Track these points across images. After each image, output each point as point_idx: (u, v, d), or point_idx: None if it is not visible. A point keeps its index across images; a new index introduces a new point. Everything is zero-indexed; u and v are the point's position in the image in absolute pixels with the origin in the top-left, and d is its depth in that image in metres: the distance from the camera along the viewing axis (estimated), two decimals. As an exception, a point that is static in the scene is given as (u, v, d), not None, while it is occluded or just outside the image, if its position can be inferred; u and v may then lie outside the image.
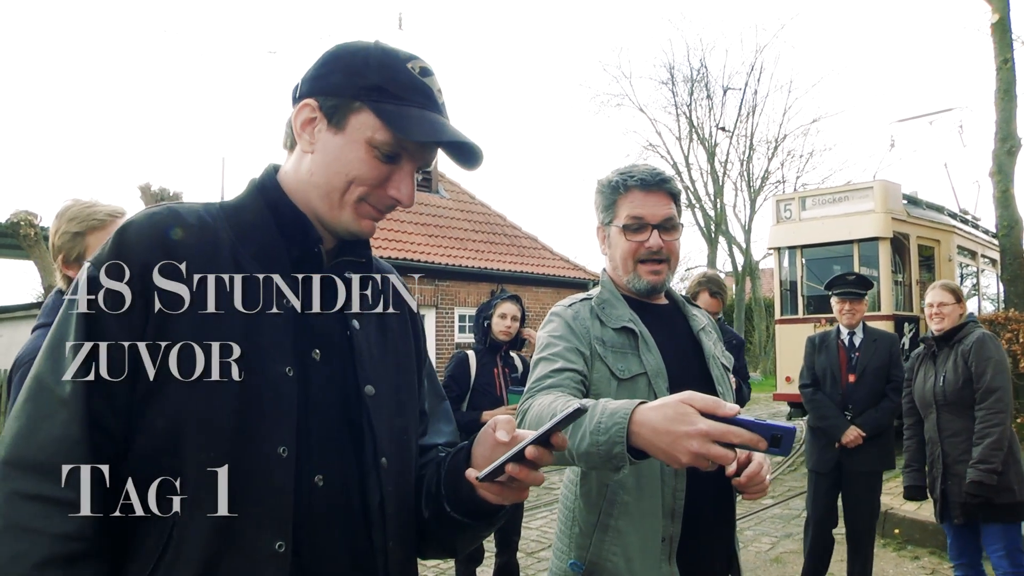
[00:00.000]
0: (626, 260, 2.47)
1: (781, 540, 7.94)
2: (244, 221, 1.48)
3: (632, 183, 2.45)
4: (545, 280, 20.87)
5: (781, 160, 36.55)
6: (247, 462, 1.33)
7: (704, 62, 42.46)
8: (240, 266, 1.41)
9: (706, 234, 35.64)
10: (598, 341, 2.37)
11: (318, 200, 1.50)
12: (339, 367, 1.51)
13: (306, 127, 1.49)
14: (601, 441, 1.83)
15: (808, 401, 6.05)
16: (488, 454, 1.48)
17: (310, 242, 1.51)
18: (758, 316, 31.62)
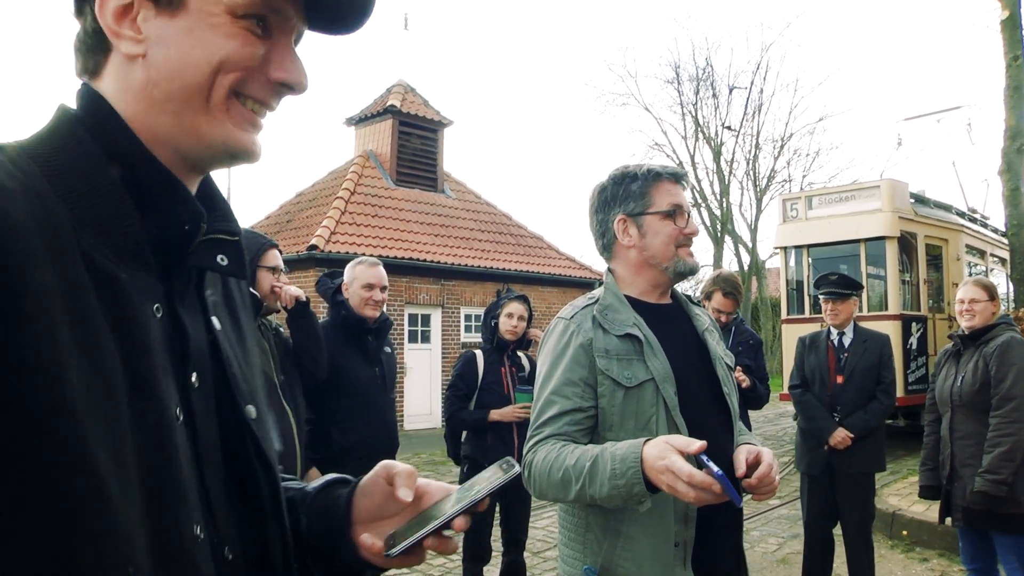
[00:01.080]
0: (668, 245, 2.49)
1: (788, 541, 7.89)
2: (77, 182, 0.92)
3: (666, 175, 2.55)
4: (551, 279, 20.85)
5: (787, 159, 36.69)
6: (159, 561, 0.88)
7: (710, 61, 42.60)
8: (90, 258, 0.88)
9: (712, 233, 35.58)
10: (601, 353, 2.38)
11: (170, 118, 1.00)
12: (213, 387, 1.07)
13: (121, 21, 0.98)
14: (620, 484, 2.08)
15: (796, 402, 6.00)
16: (376, 510, 1.21)
17: (182, 214, 1.01)
18: (764, 316, 31.56)
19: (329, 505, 1.25)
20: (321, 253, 16.32)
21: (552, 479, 2.24)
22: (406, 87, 21.36)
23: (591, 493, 2.15)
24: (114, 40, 0.99)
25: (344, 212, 17.97)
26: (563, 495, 2.26)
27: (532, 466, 2.31)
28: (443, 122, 21.17)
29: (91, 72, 1.03)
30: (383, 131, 20.39)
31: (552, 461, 2.25)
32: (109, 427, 0.84)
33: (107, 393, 0.85)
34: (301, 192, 21.32)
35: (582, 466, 2.17)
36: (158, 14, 0.98)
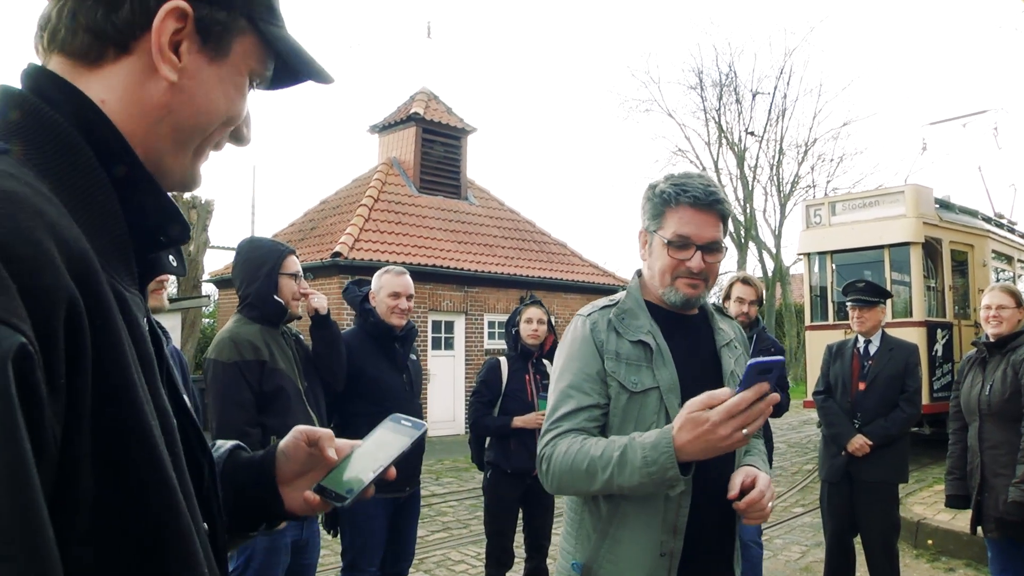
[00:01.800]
0: (664, 274, 2.43)
1: (811, 549, 7.84)
2: (84, 199, 0.90)
3: (684, 199, 2.38)
4: (574, 286, 20.84)
5: (811, 164, 36.42)
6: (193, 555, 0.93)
7: (733, 66, 42.23)
8: (110, 283, 0.88)
9: (736, 240, 35.45)
10: (612, 355, 2.38)
11: (168, 144, 1.03)
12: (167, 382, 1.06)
13: (170, 43, 0.98)
14: (654, 471, 2.09)
15: (819, 408, 5.98)
16: (300, 468, 1.37)
17: (162, 229, 1.03)
18: (789, 322, 31.39)
19: (242, 466, 1.38)
20: (345, 260, 16.40)
21: (576, 470, 2.22)
22: (429, 95, 21.44)
23: (620, 482, 2.15)
24: (157, 58, 0.97)
25: (368, 219, 18.04)
26: (587, 486, 2.24)
27: (552, 459, 2.30)
28: (466, 129, 21.22)
29: (91, 60, 0.98)
30: (407, 138, 20.47)
31: (576, 453, 2.24)
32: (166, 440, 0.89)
33: (154, 409, 0.90)
34: (325, 199, 21.43)
35: (610, 455, 2.17)
36: (200, 52, 1.01)
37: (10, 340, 0.69)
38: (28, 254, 0.74)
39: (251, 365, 3.94)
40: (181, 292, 17.55)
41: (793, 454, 14.29)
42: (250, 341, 3.99)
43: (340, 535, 4.68)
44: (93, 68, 0.98)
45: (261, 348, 4.00)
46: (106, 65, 0.98)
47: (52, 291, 0.75)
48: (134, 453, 0.84)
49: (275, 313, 4.15)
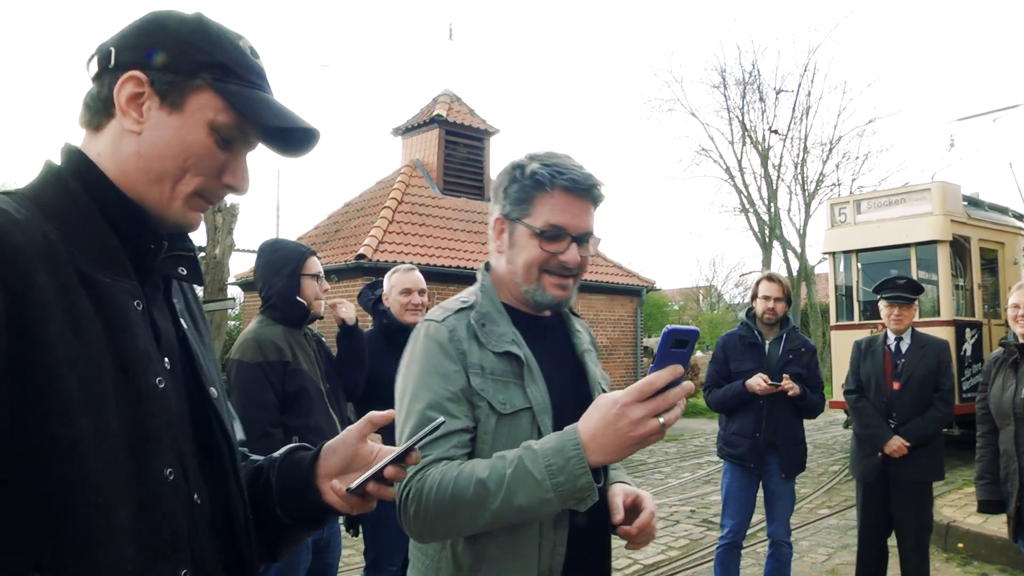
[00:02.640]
0: (531, 268, 2.11)
1: (837, 551, 7.79)
2: (66, 217, 1.24)
3: (561, 182, 2.08)
4: (598, 287, 20.80)
5: (836, 162, 35.97)
6: (136, 495, 1.18)
7: (756, 64, 42.08)
8: (82, 271, 1.19)
9: (760, 239, 35.23)
10: (476, 370, 2.03)
11: (145, 187, 1.32)
12: (182, 372, 1.39)
13: (131, 103, 1.30)
14: (561, 481, 1.77)
15: (851, 408, 5.86)
16: (344, 464, 1.51)
17: (147, 238, 1.33)
18: (814, 322, 31.13)
19: (295, 464, 1.55)
20: (369, 262, 16.45)
21: (458, 501, 1.84)
22: (452, 96, 21.47)
23: (520, 504, 1.80)
24: (120, 115, 1.31)
25: (391, 221, 18.09)
26: (472, 520, 1.86)
27: (424, 495, 1.87)
28: (489, 131, 21.24)
29: (93, 127, 1.35)
30: (430, 140, 20.52)
31: (453, 481, 1.85)
32: (93, 390, 1.14)
33: (91, 362, 1.15)
34: (349, 202, 21.50)
35: (501, 475, 1.82)
36: (160, 107, 1.31)
37: None
38: None
39: (274, 366, 3.97)
40: (207, 295, 17.62)
41: (819, 455, 14.18)
42: (273, 342, 4.02)
43: (363, 535, 4.73)
44: (96, 132, 1.35)
45: (284, 349, 4.03)
46: (102, 128, 1.34)
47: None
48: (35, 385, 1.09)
49: (298, 314, 4.18)
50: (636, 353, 21.90)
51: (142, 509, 1.19)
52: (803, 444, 5.69)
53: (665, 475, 12.50)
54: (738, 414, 5.62)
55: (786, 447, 5.51)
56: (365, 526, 4.67)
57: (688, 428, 19.22)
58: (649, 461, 14.04)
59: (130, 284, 1.28)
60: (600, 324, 20.92)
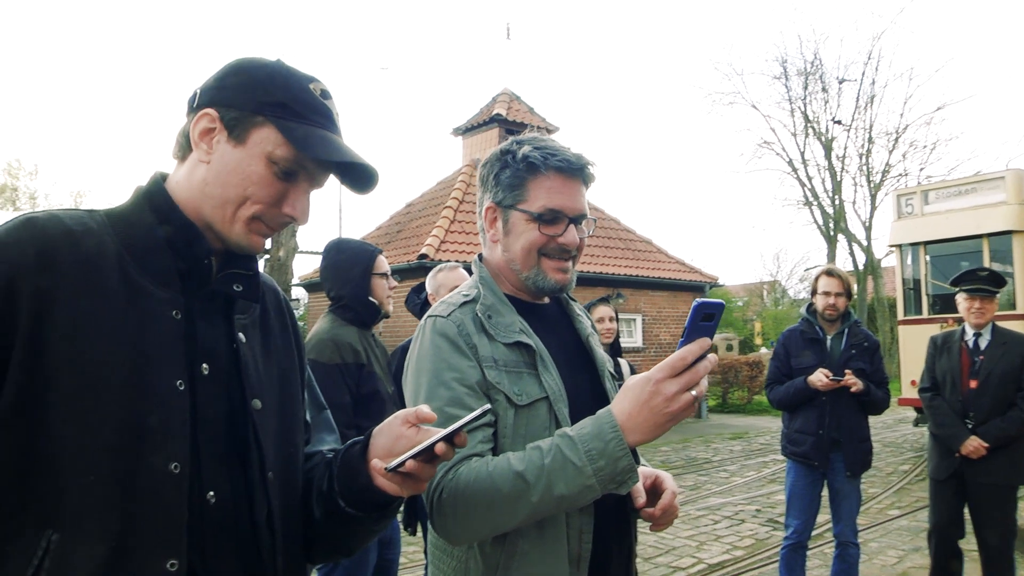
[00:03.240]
0: (529, 253, 2.10)
1: (909, 554, 7.60)
2: (130, 230, 1.45)
3: (555, 163, 2.07)
4: (661, 283, 20.72)
5: (903, 152, 35.40)
6: (136, 480, 1.31)
7: (818, 54, 41.54)
8: (127, 276, 1.38)
9: (825, 232, 34.73)
10: (490, 363, 2.00)
11: (211, 211, 1.49)
12: (226, 381, 1.50)
13: (204, 137, 1.48)
14: (602, 466, 1.75)
15: (927, 407, 5.66)
16: (390, 444, 1.50)
17: (199, 253, 1.49)
18: (881, 317, 30.60)
19: (351, 451, 1.59)
20: (431, 262, 16.55)
21: (497, 496, 1.80)
22: (511, 95, 21.55)
23: (560, 493, 1.77)
24: (194, 147, 1.49)
25: (453, 221, 18.22)
26: (510, 516, 1.82)
27: (458, 492, 1.83)
28: (548, 128, 21.26)
29: (179, 158, 1.54)
30: (489, 139, 20.61)
31: (489, 477, 1.82)
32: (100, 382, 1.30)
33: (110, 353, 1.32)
34: (410, 202, 21.70)
35: (539, 465, 1.78)
36: (227, 140, 1.47)
37: None
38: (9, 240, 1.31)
39: (351, 368, 3.98)
40: (273, 296, 17.93)
41: (888, 454, 13.91)
42: (350, 344, 4.03)
43: (423, 533, 4.74)
44: (181, 162, 1.54)
45: (360, 351, 4.05)
46: (185, 160, 1.54)
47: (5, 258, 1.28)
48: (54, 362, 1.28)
49: (371, 314, 4.20)
50: (699, 350, 21.69)
51: (136, 494, 1.31)
52: (868, 441, 5.55)
53: (730, 473, 12.37)
54: (801, 411, 5.52)
55: (850, 444, 5.38)
56: (424, 524, 4.70)
57: (753, 426, 19.03)
58: (714, 459, 13.93)
59: (172, 294, 1.43)
60: (663, 321, 20.80)
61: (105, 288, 1.34)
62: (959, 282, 5.56)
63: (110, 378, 1.31)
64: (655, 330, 20.61)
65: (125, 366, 1.33)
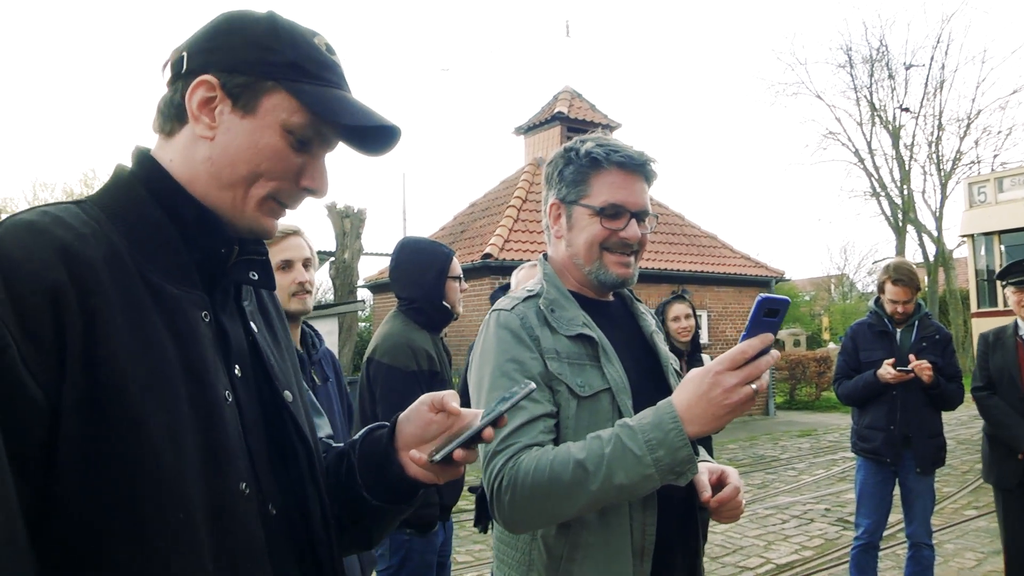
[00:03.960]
0: (591, 247, 2.14)
1: (989, 556, 7.34)
2: (134, 224, 1.24)
3: (617, 159, 2.12)
4: (726, 279, 20.52)
5: (975, 139, 34.43)
6: (219, 508, 1.18)
7: (883, 40, 40.61)
8: (146, 279, 1.19)
9: (893, 223, 34.06)
10: (552, 355, 2.04)
11: (217, 192, 1.30)
12: (254, 377, 1.37)
13: (203, 108, 1.28)
14: (661, 456, 1.77)
15: (982, 407, 5.37)
16: (419, 432, 1.44)
17: (217, 243, 1.32)
18: (954, 310, 29.94)
19: (374, 441, 1.51)
20: (495, 261, 16.61)
21: (556, 485, 1.83)
22: (572, 93, 21.50)
23: (620, 482, 1.79)
24: (192, 121, 1.29)
25: (516, 220, 18.25)
26: (570, 504, 1.85)
27: (518, 480, 1.86)
28: (611, 125, 21.17)
29: (166, 132, 1.33)
30: (551, 138, 20.58)
31: (549, 465, 1.85)
32: (164, 402, 1.14)
33: (163, 377, 1.15)
34: (474, 202, 21.78)
35: (599, 454, 1.81)
36: (232, 111, 1.28)
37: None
38: (19, 256, 1.07)
39: (425, 375, 3.88)
40: (337, 298, 18.10)
41: (963, 451, 13.57)
42: (426, 351, 3.94)
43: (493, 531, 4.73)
44: (169, 138, 1.33)
45: (435, 358, 3.97)
46: (175, 135, 1.32)
47: (35, 278, 1.06)
48: (110, 402, 1.09)
49: (443, 318, 4.11)
50: (766, 346, 21.45)
51: (219, 524, 1.18)
52: (940, 437, 5.37)
53: (798, 471, 12.20)
54: (871, 406, 5.38)
55: (921, 440, 5.24)
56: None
57: (821, 423, 18.74)
58: (782, 457, 13.75)
59: (197, 294, 1.27)
60: (729, 317, 20.60)
61: (133, 297, 1.16)
62: (1005, 275, 5.34)
63: (175, 397, 1.16)
64: (721, 326, 20.40)
65: (181, 383, 1.17)
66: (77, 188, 39.88)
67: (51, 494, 1.05)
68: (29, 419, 1.03)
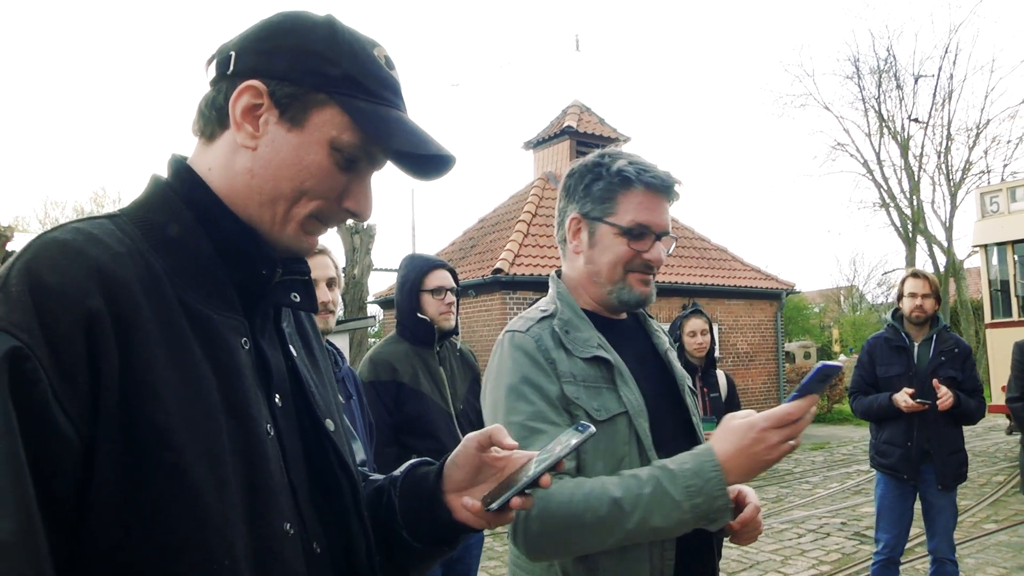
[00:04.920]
0: (615, 267, 2.12)
1: (1013, 572, 7.24)
2: (172, 242, 1.15)
3: (647, 179, 2.09)
4: (737, 292, 20.44)
5: (984, 148, 34.32)
6: (256, 552, 1.11)
7: (891, 50, 40.33)
8: (186, 305, 1.11)
9: (903, 234, 33.87)
10: (568, 378, 2.00)
11: (257, 208, 1.21)
12: (294, 406, 1.29)
13: (247, 115, 1.19)
14: (699, 503, 1.79)
15: (1019, 418, 5.38)
16: (470, 477, 1.37)
17: (259, 264, 1.23)
18: (965, 320, 29.75)
19: (418, 481, 1.42)
20: (506, 276, 16.57)
21: (590, 520, 1.81)
22: (581, 107, 21.51)
23: (656, 525, 1.80)
24: (235, 128, 1.20)
25: (527, 235, 18.21)
26: (601, 538, 1.84)
27: (548, 512, 1.82)
28: (620, 139, 21.14)
29: (207, 136, 1.24)
30: (561, 152, 20.57)
31: (584, 499, 1.82)
32: (206, 440, 1.06)
33: (205, 412, 1.07)
34: (484, 217, 21.77)
35: (636, 495, 1.81)
36: (279, 121, 1.19)
37: (6, 343, 0.94)
38: (53, 281, 0.99)
39: (386, 386, 3.92)
40: (348, 314, 18.11)
41: (979, 464, 13.45)
42: (388, 361, 3.97)
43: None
44: (209, 142, 1.24)
45: (399, 369, 3.97)
46: (216, 140, 1.23)
47: (68, 307, 0.98)
48: (149, 439, 1.01)
49: (423, 332, 4.10)
50: (778, 359, 21.38)
51: (263, 568, 1.11)
52: (962, 452, 5.32)
53: (813, 485, 12.14)
54: (889, 421, 5.32)
55: (941, 456, 5.18)
56: None
57: (835, 436, 18.65)
58: (796, 471, 13.68)
59: (237, 319, 1.19)
60: (740, 330, 20.52)
61: (171, 324, 1.08)
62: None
63: (217, 435, 1.08)
64: (732, 339, 20.33)
65: (222, 418, 1.10)
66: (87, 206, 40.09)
67: (83, 539, 0.99)
68: (62, 459, 0.96)
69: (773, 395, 21.09)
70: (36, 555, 0.91)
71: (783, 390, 21.35)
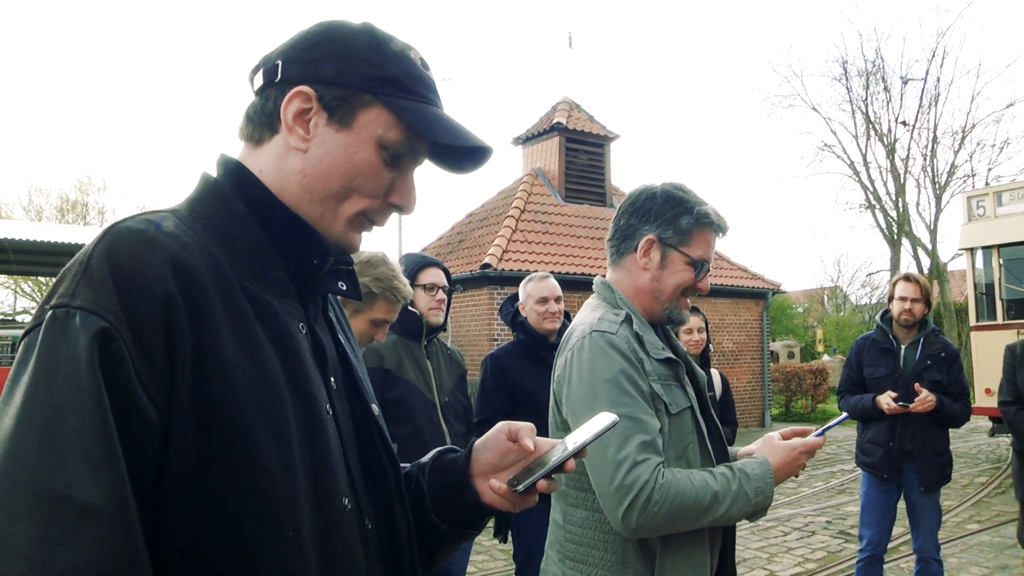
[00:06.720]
0: (676, 289, 2.44)
1: (994, 572, 7.33)
2: (232, 237, 1.23)
3: (718, 225, 2.47)
4: (723, 291, 20.51)
5: (970, 152, 34.50)
6: (318, 527, 1.18)
7: (879, 52, 39.99)
8: (249, 292, 1.19)
9: (888, 236, 34.03)
10: (653, 376, 2.29)
11: (308, 207, 1.29)
12: (345, 391, 1.38)
13: (298, 119, 1.26)
14: (760, 501, 2.24)
15: (1010, 421, 5.40)
16: (497, 460, 1.43)
17: (311, 253, 1.31)
18: (948, 322, 29.92)
19: (447, 465, 1.50)
20: (494, 271, 16.61)
21: (695, 505, 2.14)
22: (571, 104, 21.52)
23: (731, 514, 2.20)
24: (286, 132, 1.27)
25: (515, 230, 18.24)
26: (696, 521, 2.16)
27: (668, 494, 2.11)
28: (609, 136, 21.21)
29: (255, 141, 1.31)
30: (550, 148, 20.61)
31: (695, 489, 2.16)
32: (274, 419, 1.13)
33: (272, 393, 1.14)
34: (472, 212, 21.76)
35: (727, 488, 2.19)
36: (328, 123, 1.27)
37: (95, 324, 1.00)
38: (132, 267, 1.05)
39: (374, 373, 3.96)
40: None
41: (962, 464, 13.55)
42: (376, 349, 4.05)
43: (513, 542, 4.80)
44: (258, 147, 1.31)
45: (386, 357, 4.07)
46: (264, 143, 1.30)
47: (148, 291, 1.04)
48: (220, 419, 1.08)
49: (412, 324, 4.20)
50: (763, 358, 21.48)
51: (326, 542, 1.18)
52: (946, 455, 5.37)
53: (797, 483, 12.20)
54: (873, 421, 5.39)
55: (925, 457, 5.24)
56: (513, 533, 4.78)
57: (819, 433, 18.71)
58: (780, 468, 13.72)
59: (294, 306, 1.27)
60: (726, 328, 20.61)
61: (237, 309, 1.15)
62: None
63: (284, 413, 1.15)
64: (718, 338, 20.41)
65: (288, 398, 1.17)
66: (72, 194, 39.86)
67: (157, 516, 1.03)
68: (144, 438, 1.02)
69: (758, 393, 21.20)
70: (128, 525, 0.97)
71: (767, 389, 21.47)
